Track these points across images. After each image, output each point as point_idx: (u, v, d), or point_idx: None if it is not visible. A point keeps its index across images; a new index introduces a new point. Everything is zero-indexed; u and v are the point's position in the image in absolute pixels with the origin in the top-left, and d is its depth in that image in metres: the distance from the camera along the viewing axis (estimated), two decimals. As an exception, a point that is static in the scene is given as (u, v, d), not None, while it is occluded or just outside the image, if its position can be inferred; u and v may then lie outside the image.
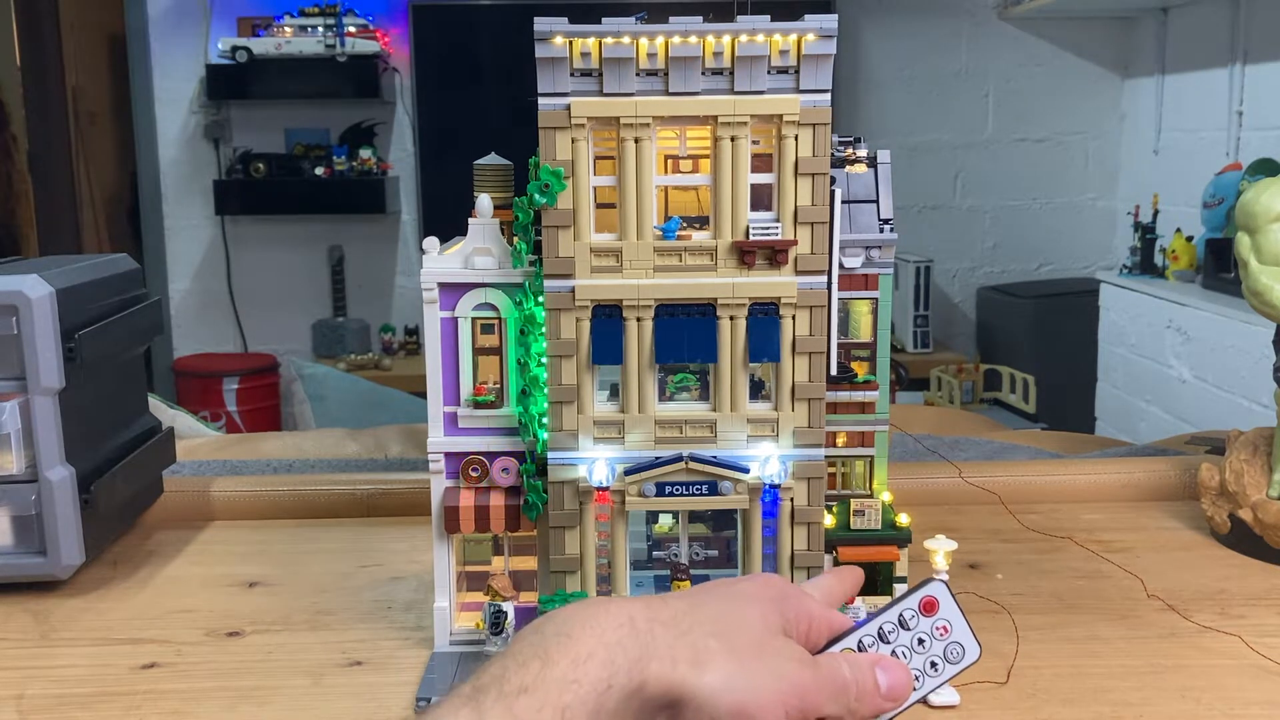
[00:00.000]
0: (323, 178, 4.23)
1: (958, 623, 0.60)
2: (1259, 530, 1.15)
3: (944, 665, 0.60)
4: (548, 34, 0.88)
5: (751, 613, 0.58)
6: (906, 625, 0.60)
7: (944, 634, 0.60)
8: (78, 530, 1.09)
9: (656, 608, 0.58)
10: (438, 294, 0.95)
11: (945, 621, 0.60)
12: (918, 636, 0.60)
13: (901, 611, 0.60)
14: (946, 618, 0.60)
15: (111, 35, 4.37)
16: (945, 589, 0.61)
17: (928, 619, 0.60)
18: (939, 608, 0.60)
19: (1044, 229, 4.51)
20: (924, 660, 0.60)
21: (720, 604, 0.59)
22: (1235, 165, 3.44)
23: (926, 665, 0.60)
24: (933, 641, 0.60)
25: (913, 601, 0.61)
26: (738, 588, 0.62)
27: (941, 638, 0.60)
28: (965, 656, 0.60)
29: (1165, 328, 3.35)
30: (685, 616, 0.57)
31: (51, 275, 1.08)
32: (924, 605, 0.60)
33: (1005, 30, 4.37)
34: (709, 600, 0.60)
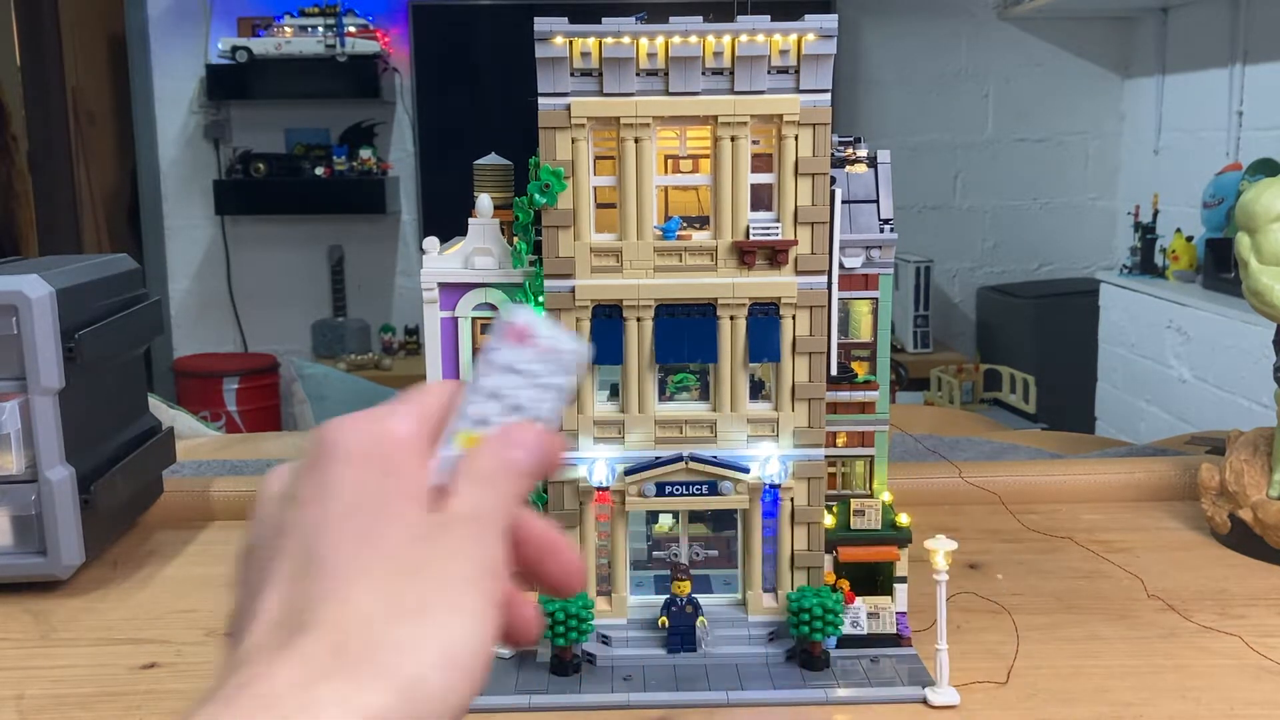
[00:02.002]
0: (323, 178, 4.23)
1: (551, 334, 0.51)
2: (1259, 530, 1.15)
3: (561, 378, 0.51)
4: (548, 34, 0.88)
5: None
6: (510, 367, 0.50)
7: (549, 352, 0.51)
8: (78, 530, 1.09)
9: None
10: (438, 294, 0.95)
11: (550, 338, 0.51)
12: (518, 369, 0.50)
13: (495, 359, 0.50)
14: (543, 334, 0.51)
15: (111, 35, 4.36)
16: (526, 310, 0.51)
17: (526, 347, 0.50)
18: (532, 330, 0.51)
19: (1044, 229, 4.50)
20: (533, 387, 0.50)
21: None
22: (1235, 165, 3.44)
23: (537, 389, 0.51)
24: (543, 363, 0.51)
25: (498, 339, 0.50)
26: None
27: (547, 357, 0.51)
28: (575, 358, 0.51)
29: (1165, 328, 3.35)
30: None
31: (51, 275, 1.08)
32: (513, 334, 0.50)
33: (1005, 30, 4.37)
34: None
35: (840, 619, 0.92)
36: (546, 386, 0.51)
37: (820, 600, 0.91)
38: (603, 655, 0.94)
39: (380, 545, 0.41)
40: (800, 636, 0.92)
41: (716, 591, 0.99)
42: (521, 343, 0.51)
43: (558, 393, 0.51)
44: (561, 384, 0.51)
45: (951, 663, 0.88)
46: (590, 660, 0.93)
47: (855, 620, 0.95)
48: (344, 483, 0.43)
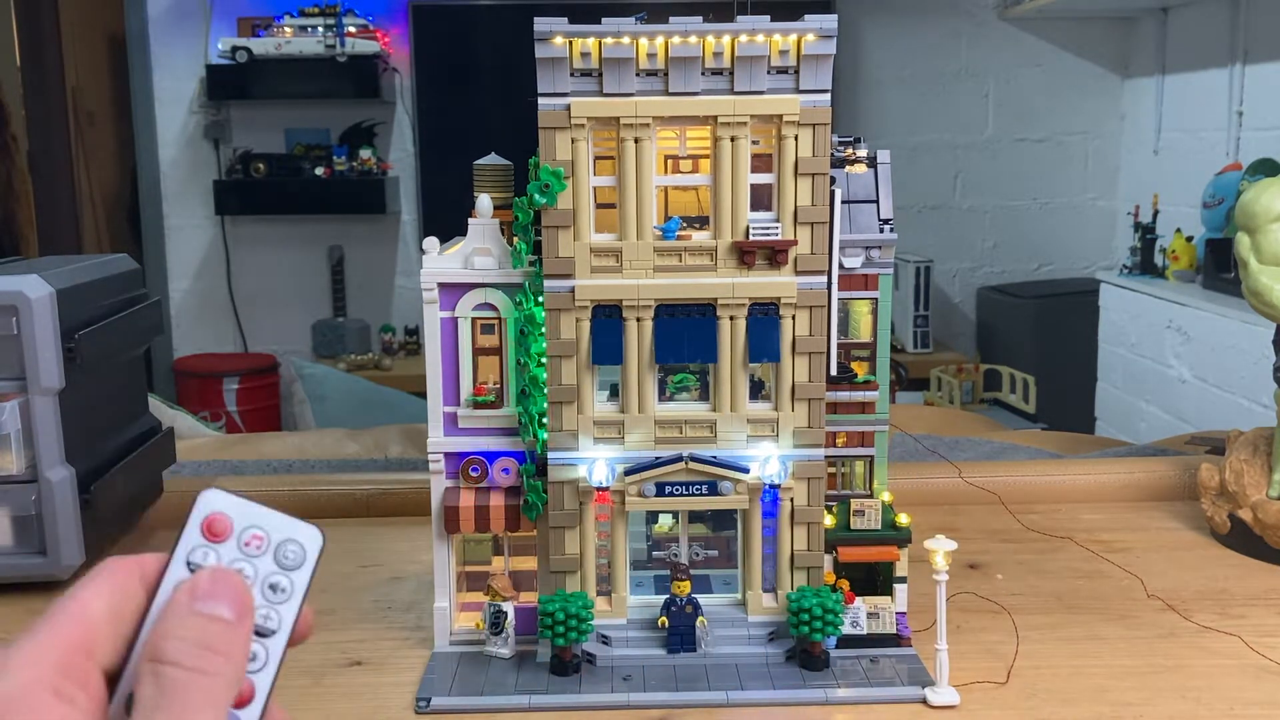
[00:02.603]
0: (323, 178, 4.23)
1: (269, 521, 0.45)
2: (1259, 530, 1.15)
3: (288, 577, 0.44)
4: (548, 34, 0.88)
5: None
6: (203, 569, 0.43)
7: (261, 543, 0.44)
8: (78, 530, 1.09)
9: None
10: (438, 294, 0.95)
11: (253, 530, 0.44)
12: (231, 568, 0.44)
13: (188, 556, 0.43)
14: (251, 525, 0.44)
15: (111, 35, 4.36)
16: (221, 493, 0.45)
17: (227, 542, 0.44)
18: (230, 520, 0.44)
19: (1044, 229, 4.50)
20: (259, 592, 0.44)
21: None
22: (1235, 165, 3.44)
23: (269, 594, 0.44)
24: (254, 562, 0.44)
25: (193, 534, 0.44)
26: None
27: (260, 549, 0.44)
28: (307, 550, 0.45)
29: (1165, 328, 3.35)
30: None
31: (51, 275, 1.08)
32: (210, 528, 0.44)
33: (1005, 30, 4.37)
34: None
35: (840, 619, 0.92)
36: (269, 588, 0.44)
37: (820, 600, 0.91)
38: (603, 655, 0.94)
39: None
40: (800, 636, 0.92)
41: (716, 591, 0.99)
42: (216, 537, 0.44)
43: (283, 594, 0.44)
44: (285, 583, 0.44)
45: (951, 663, 0.88)
46: (590, 660, 0.93)
47: (855, 620, 0.95)
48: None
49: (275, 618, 0.43)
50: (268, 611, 0.43)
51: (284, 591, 0.44)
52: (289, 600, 0.44)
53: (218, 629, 0.41)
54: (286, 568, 0.44)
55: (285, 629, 0.43)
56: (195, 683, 0.39)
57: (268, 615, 0.43)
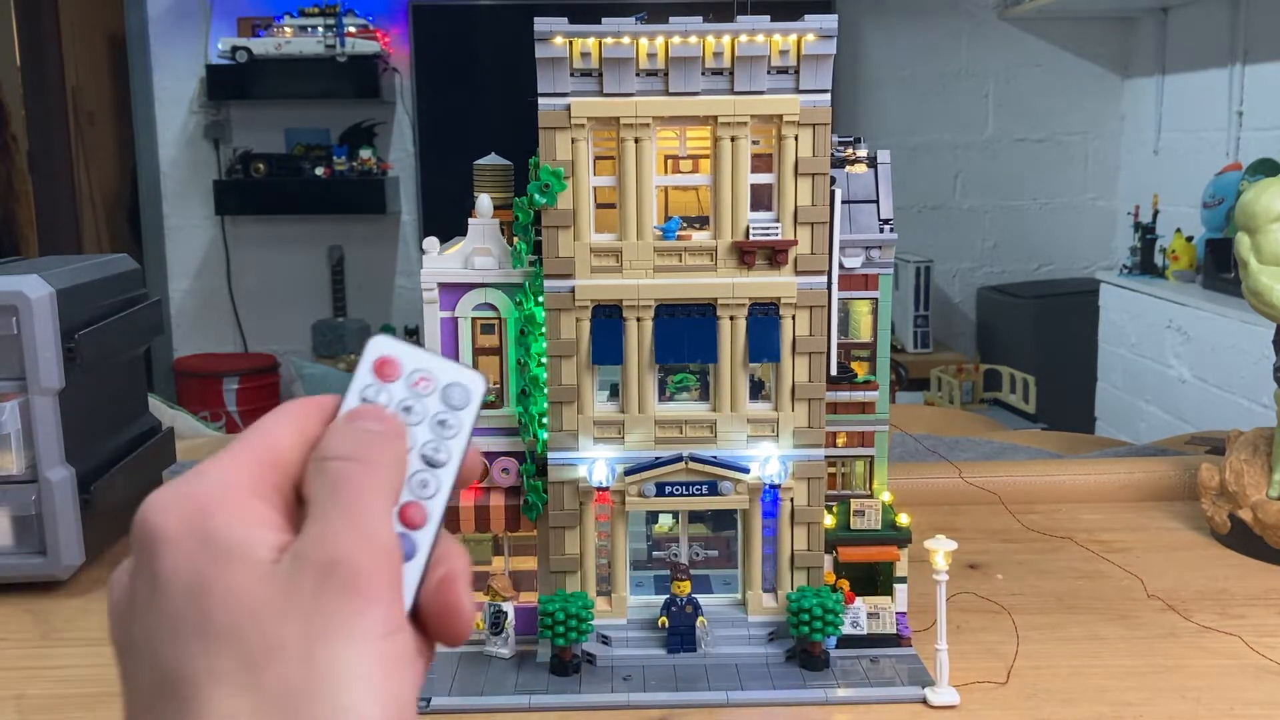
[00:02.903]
0: (323, 178, 4.23)
1: (435, 365, 0.47)
2: (1259, 530, 1.15)
3: (454, 414, 0.46)
4: (548, 34, 0.88)
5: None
6: (375, 403, 0.46)
7: (428, 384, 0.46)
8: (78, 530, 1.09)
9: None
10: (438, 294, 0.95)
11: (419, 372, 0.47)
12: (400, 407, 0.46)
13: (361, 393, 0.46)
14: (418, 368, 0.47)
15: (111, 35, 4.36)
16: (388, 339, 0.47)
17: (396, 382, 0.46)
18: (399, 363, 0.46)
19: (1044, 229, 4.50)
20: (428, 427, 0.46)
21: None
22: (1235, 165, 3.44)
23: (437, 429, 0.46)
24: (421, 400, 0.46)
25: (365, 375, 0.46)
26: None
27: (428, 390, 0.46)
28: (471, 392, 0.47)
29: (1165, 328, 3.35)
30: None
31: (51, 275, 1.08)
32: (380, 369, 0.46)
33: (1005, 30, 4.37)
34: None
35: (840, 619, 0.92)
36: (437, 424, 0.46)
37: (820, 600, 0.91)
38: (603, 655, 0.94)
39: (228, 641, 0.36)
40: (800, 636, 0.92)
41: (716, 591, 0.99)
42: (386, 378, 0.46)
43: (451, 430, 0.46)
44: (452, 420, 0.46)
45: (951, 663, 0.88)
46: (590, 660, 0.93)
47: (855, 620, 0.95)
48: (169, 573, 0.38)
49: (445, 450, 0.46)
50: (437, 444, 0.46)
51: (451, 428, 0.46)
52: (456, 436, 0.46)
53: (373, 433, 0.43)
54: (453, 406, 0.47)
55: (454, 461, 0.46)
56: (360, 471, 0.41)
57: (437, 448, 0.46)
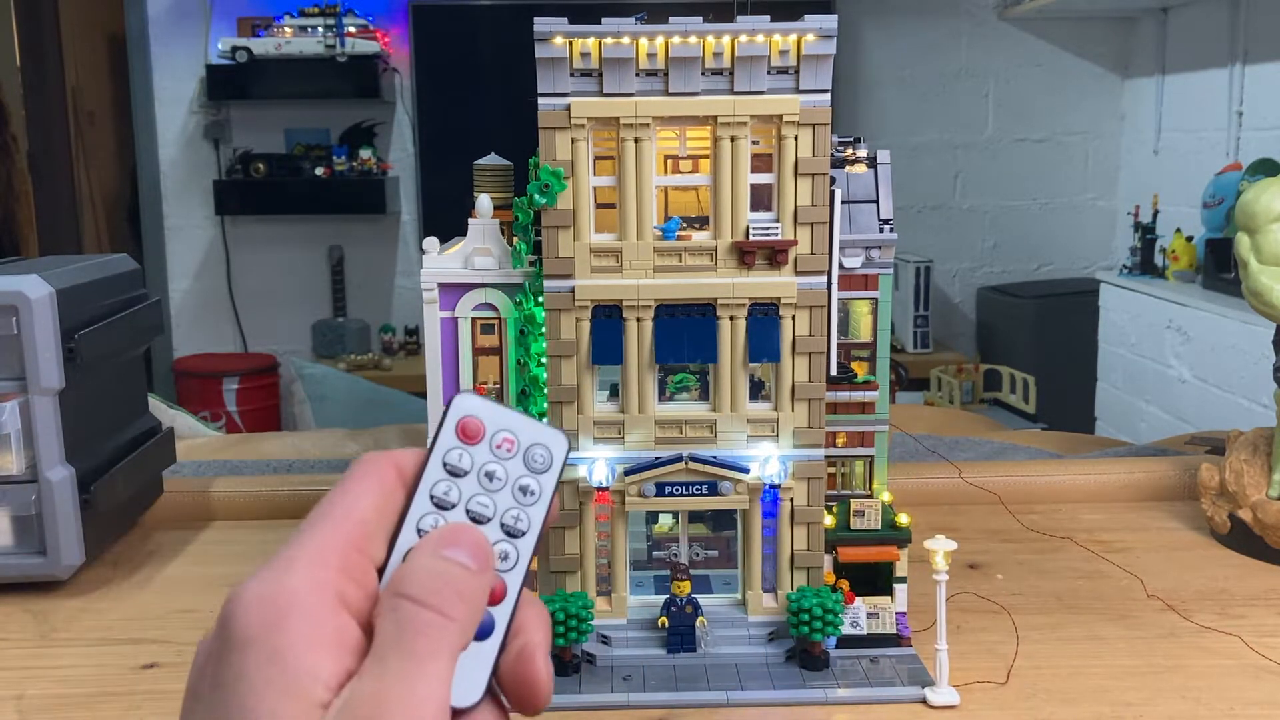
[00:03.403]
0: (323, 178, 4.23)
1: (519, 425, 0.46)
2: (1259, 530, 1.15)
3: (536, 479, 0.45)
4: (548, 34, 0.88)
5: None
6: (459, 469, 0.45)
7: (511, 446, 0.45)
8: (78, 530, 1.09)
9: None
10: (438, 294, 0.95)
11: (504, 433, 0.45)
12: (484, 470, 0.45)
13: (444, 458, 0.45)
14: (502, 428, 0.45)
15: (111, 35, 4.36)
16: (473, 397, 0.46)
17: (480, 444, 0.45)
18: (484, 423, 0.45)
19: (1044, 229, 4.50)
20: (510, 493, 0.45)
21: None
22: (1235, 165, 3.44)
23: (519, 495, 0.45)
24: (505, 464, 0.45)
25: (448, 437, 0.45)
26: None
27: (512, 452, 0.45)
28: (554, 453, 0.46)
29: (1165, 328, 3.35)
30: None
31: (51, 275, 1.08)
32: (464, 431, 0.45)
33: (1005, 30, 4.37)
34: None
35: (840, 619, 0.92)
36: (519, 490, 0.45)
37: (820, 600, 0.91)
38: (603, 655, 0.94)
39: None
40: (800, 636, 0.92)
41: (716, 591, 0.99)
42: (470, 439, 0.45)
43: (533, 497, 0.45)
44: (534, 486, 0.45)
45: (951, 663, 0.88)
46: (590, 660, 0.93)
47: (855, 620, 0.95)
48: (231, 676, 0.38)
49: (525, 519, 0.45)
50: (518, 513, 0.45)
51: (533, 494, 0.45)
52: (537, 503, 0.45)
53: (459, 572, 0.42)
54: (535, 470, 0.45)
55: (534, 530, 0.44)
56: (434, 625, 0.40)
57: (518, 516, 0.45)
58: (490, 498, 0.45)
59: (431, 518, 0.44)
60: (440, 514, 0.44)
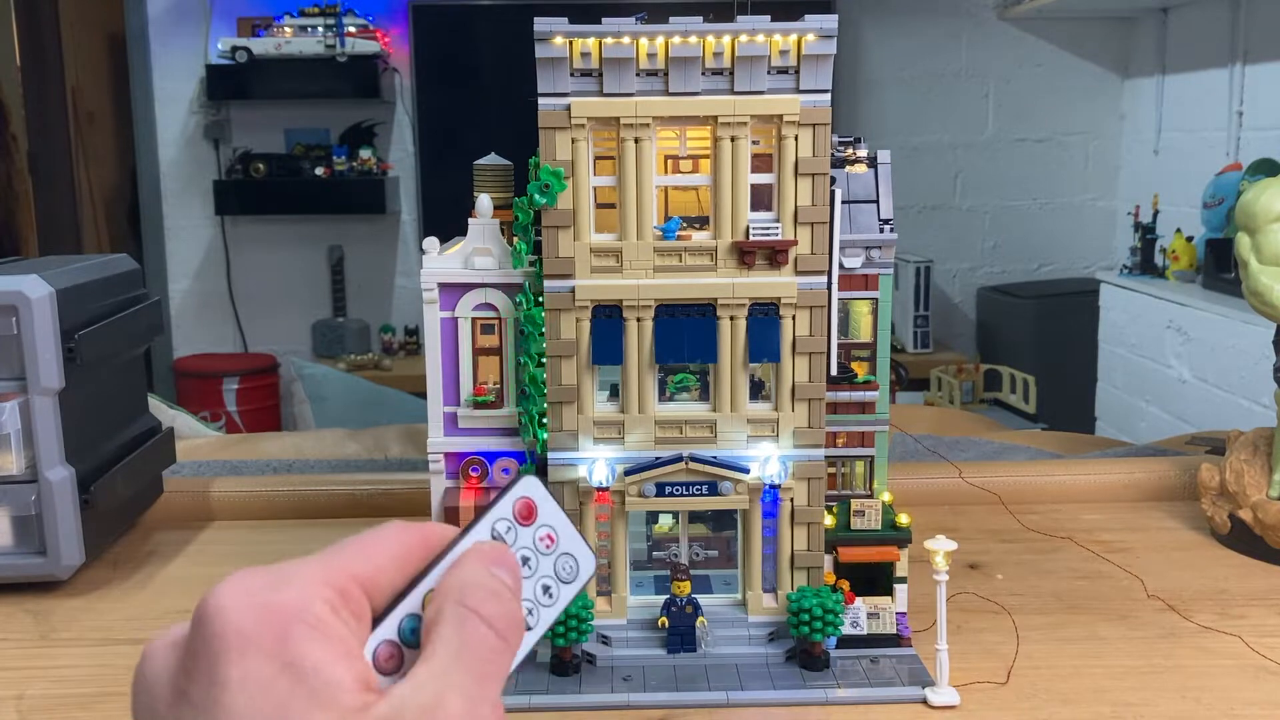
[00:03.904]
0: (323, 178, 4.23)
1: (563, 528, 0.46)
2: (1259, 530, 1.15)
3: (558, 587, 0.46)
4: (548, 34, 0.88)
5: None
6: (503, 541, 0.45)
7: (550, 545, 0.46)
8: (78, 530, 1.09)
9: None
10: (438, 294, 0.95)
11: (548, 529, 0.46)
12: (520, 554, 0.45)
13: (494, 525, 0.45)
14: (549, 524, 0.46)
15: (111, 35, 4.36)
16: (539, 484, 0.47)
17: (527, 528, 0.46)
18: (537, 511, 0.46)
19: (1044, 229, 4.50)
20: (534, 586, 0.45)
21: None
22: (1235, 165, 3.44)
23: (538, 593, 0.45)
24: (539, 558, 0.46)
25: (506, 508, 0.46)
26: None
27: (548, 550, 0.46)
28: (580, 570, 0.46)
29: (1165, 328, 3.35)
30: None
31: (51, 275, 1.08)
32: (520, 510, 0.46)
33: (1005, 30, 4.37)
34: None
35: (840, 619, 0.92)
36: (541, 588, 0.45)
37: (820, 600, 0.91)
38: (603, 655, 0.94)
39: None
40: (800, 637, 0.92)
41: (716, 591, 0.99)
42: (523, 521, 0.46)
43: (549, 599, 0.45)
44: (555, 591, 0.45)
45: (951, 663, 0.88)
46: (590, 660, 0.93)
47: (855, 620, 0.95)
48: (238, 687, 0.37)
49: (535, 616, 0.45)
50: (532, 608, 0.45)
51: (550, 597, 0.46)
52: (551, 607, 0.45)
53: (509, 596, 0.41)
54: (561, 578, 0.46)
55: (540, 629, 0.45)
56: (499, 650, 0.39)
57: (531, 610, 0.45)
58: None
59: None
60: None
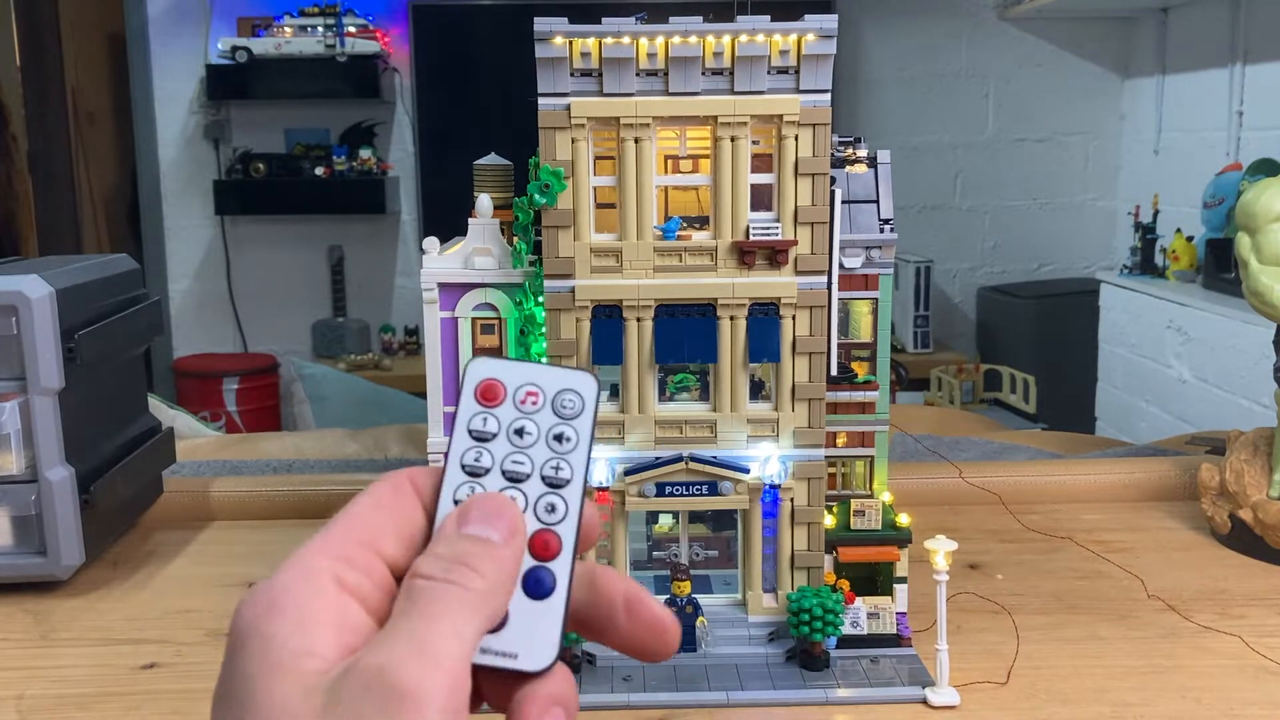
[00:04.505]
0: (323, 178, 4.23)
1: (541, 376, 0.44)
2: (1259, 530, 1.15)
3: (570, 426, 0.44)
4: (548, 34, 0.88)
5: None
6: (485, 433, 0.43)
7: (536, 399, 0.44)
8: (78, 530, 1.09)
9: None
10: (438, 294, 0.95)
11: (526, 387, 0.44)
12: (512, 429, 0.43)
13: (468, 424, 0.44)
14: (524, 382, 0.44)
15: (111, 35, 4.36)
16: (488, 359, 0.45)
17: (501, 405, 0.44)
18: (503, 383, 0.44)
19: (1044, 229, 4.50)
20: (544, 445, 0.43)
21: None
22: (1235, 165, 3.43)
23: (553, 445, 0.43)
24: (533, 418, 0.44)
25: (469, 404, 0.44)
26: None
27: (537, 405, 0.44)
28: (584, 396, 0.44)
29: (1165, 328, 3.35)
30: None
31: (51, 275, 1.08)
32: (482, 393, 0.44)
33: (1005, 30, 4.37)
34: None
35: (840, 619, 0.92)
36: (554, 439, 0.43)
37: (820, 600, 0.91)
38: (603, 655, 0.94)
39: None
40: (800, 637, 0.92)
41: (716, 591, 0.99)
42: (491, 402, 0.44)
43: (570, 444, 0.43)
44: (569, 432, 0.43)
45: (951, 663, 0.88)
46: (590, 660, 0.93)
47: (855, 620, 0.95)
48: (230, 669, 0.39)
49: (566, 467, 0.43)
50: (557, 462, 0.43)
51: (569, 440, 0.44)
52: (576, 448, 0.44)
53: (477, 548, 0.41)
54: (566, 417, 0.44)
55: (578, 477, 0.43)
56: (442, 592, 0.39)
57: (558, 466, 0.43)
58: (525, 454, 0.43)
59: (466, 487, 0.43)
60: (475, 481, 0.43)
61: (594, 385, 0.45)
